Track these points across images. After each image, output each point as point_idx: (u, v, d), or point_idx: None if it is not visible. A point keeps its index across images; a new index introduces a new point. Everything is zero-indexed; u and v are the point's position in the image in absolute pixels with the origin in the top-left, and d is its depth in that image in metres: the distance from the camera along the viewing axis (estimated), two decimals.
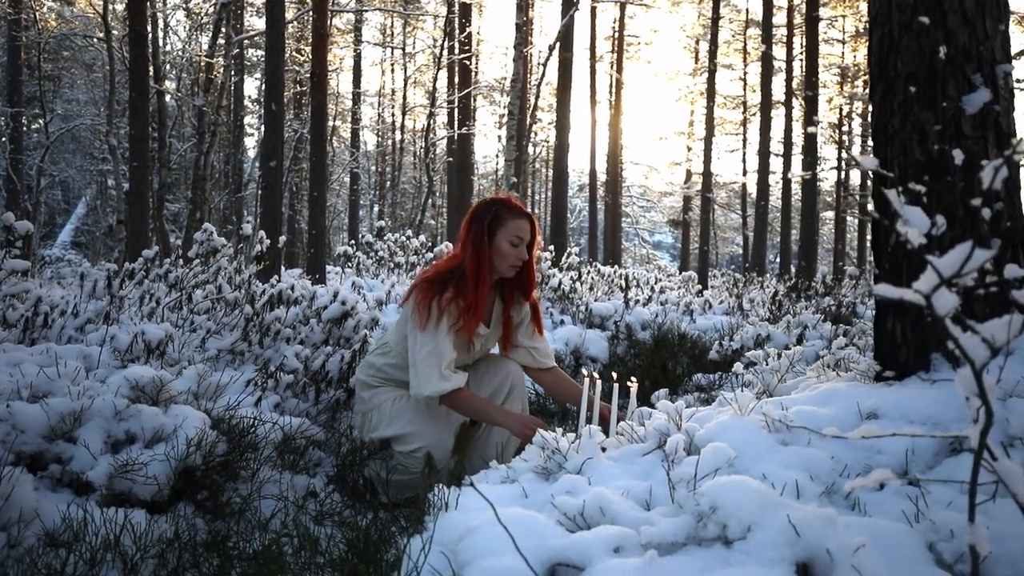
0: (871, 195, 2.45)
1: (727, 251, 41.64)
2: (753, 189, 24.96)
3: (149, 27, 12.05)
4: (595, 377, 2.73)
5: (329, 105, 23.42)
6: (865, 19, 22.84)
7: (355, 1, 23.17)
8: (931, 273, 1.13)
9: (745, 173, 30.29)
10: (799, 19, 22.98)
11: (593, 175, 27.54)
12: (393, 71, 33.92)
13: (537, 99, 18.04)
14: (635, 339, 5.18)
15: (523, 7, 13.13)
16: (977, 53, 2.20)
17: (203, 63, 18.22)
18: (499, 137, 33.15)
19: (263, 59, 10.87)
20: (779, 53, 24.28)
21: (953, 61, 2.20)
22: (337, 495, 2.92)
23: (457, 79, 21.34)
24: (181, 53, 20.22)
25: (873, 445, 1.97)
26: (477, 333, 3.09)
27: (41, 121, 21.33)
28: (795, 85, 23.83)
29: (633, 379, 2.71)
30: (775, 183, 24.02)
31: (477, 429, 3.29)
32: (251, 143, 32.14)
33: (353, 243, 7.25)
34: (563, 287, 5.84)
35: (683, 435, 1.93)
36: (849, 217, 35.11)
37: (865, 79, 25.54)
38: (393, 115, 34.12)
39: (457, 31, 19.32)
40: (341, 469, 3.11)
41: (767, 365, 2.99)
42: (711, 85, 18.96)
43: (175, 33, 24.29)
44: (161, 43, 20.56)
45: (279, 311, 3.61)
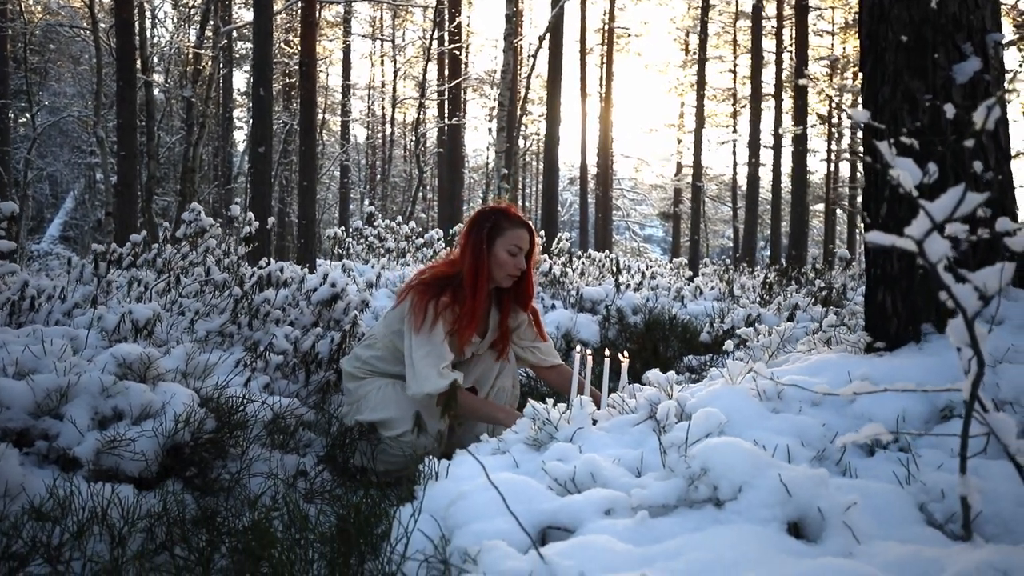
0: (863, 149, 2.45)
1: (717, 243, 41.72)
2: (743, 182, 25.00)
3: (136, 14, 11.96)
4: (587, 353, 2.73)
5: (319, 99, 23.36)
6: (854, 10, 22.88)
7: None
8: (923, 218, 1.12)
9: (735, 165, 30.36)
10: (789, 10, 23.03)
11: (584, 168, 27.53)
12: (383, 64, 33.81)
13: (527, 91, 18.03)
14: (626, 323, 5.18)
15: None
16: (967, 22, 2.19)
17: (191, 54, 18.12)
18: (489, 130, 33.10)
19: (252, 51, 10.80)
20: (769, 45, 24.30)
21: (943, 30, 2.19)
22: (327, 474, 2.90)
23: (447, 71, 21.28)
24: (169, 45, 20.07)
25: (864, 413, 1.96)
26: (470, 341, 3.10)
27: (28, 115, 21.19)
28: (785, 77, 23.88)
29: (625, 354, 2.70)
30: (765, 175, 24.10)
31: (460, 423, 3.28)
32: (240, 136, 32.02)
33: (343, 228, 7.21)
34: (554, 272, 5.84)
35: (674, 403, 1.93)
36: (839, 210, 35.25)
37: (855, 70, 25.59)
38: (383, 108, 34.02)
39: (447, 21, 19.26)
40: (331, 449, 3.09)
41: (757, 342, 2.98)
42: (701, 73, 18.98)
43: (163, 25, 24.12)
44: (149, 35, 20.43)
45: (268, 292, 3.58)
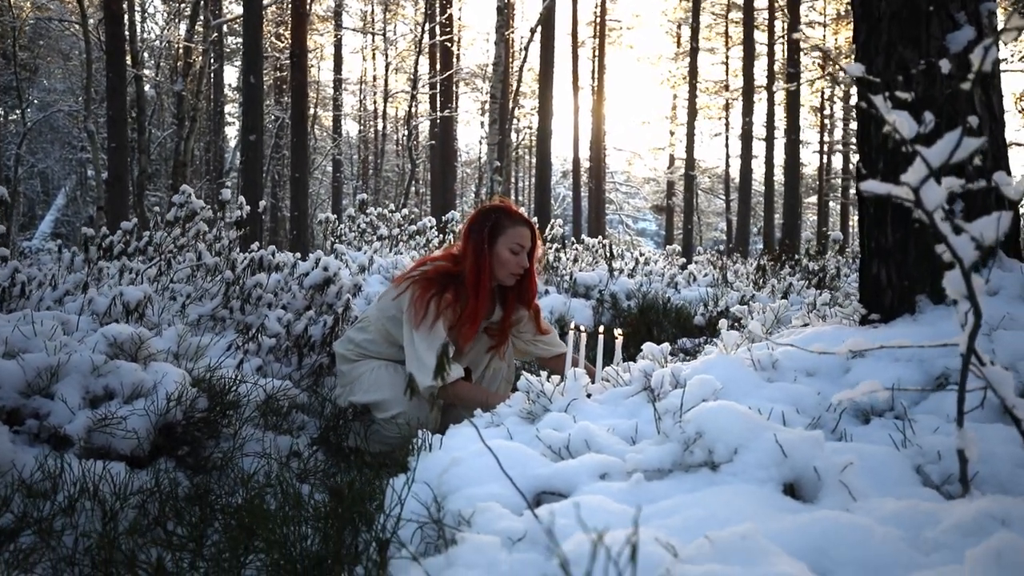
0: (856, 117, 2.44)
1: (710, 236, 41.75)
2: (736, 175, 25.02)
3: (125, 8, 11.89)
4: (581, 330, 2.73)
5: (310, 94, 23.28)
6: (846, 1, 22.88)
7: None
8: (920, 165, 1.11)
9: (728, 158, 30.39)
10: (781, 1, 23.02)
11: (576, 161, 27.53)
12: (374, 58, 33.72)
13: (519, 84, 18.02)
14: (620, 308, 5.17)
15: None
16: None
17: (181, 49, 18.05)
18: (482, 123, 33.08)
19: (242, 39, 10.75)
20: (761, 38, 24.29)
21: None
22: (321, 455, 2.89)
23: (439, 63, 21.24)
24: (159, 39, 19.98)
25: (859, 382, 1.95)
26: (471, 340, 3.09)
27: (19, 112, 21.08)
28: (777, 69, 23.90)
29: (619, 331, 2.70)
30: (758, 167, 24.11)
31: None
32: (232, 133, 31.89)
33: (335, 216, 7.19)
34: (547, 257, 5.83)
35: (668, 372, 1.92)
36: (831, 202, 35.33)
37: (847, 61, 25.62)
38: (375, 103, 33.94)
39: (438, 13, 19.22)
40: (325, 431, 3.08)
41: (752, 319, 2.97)
42: (693, 63, 18.99)
43: (153, 20, 24.01)
44: (139, 29, 20.33)
45: (260, 276, 3.56)
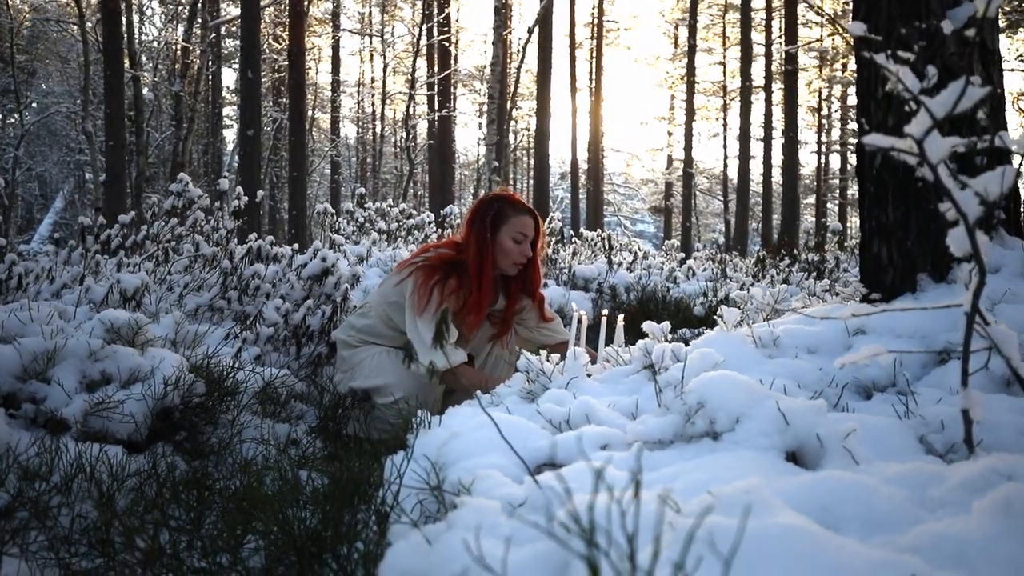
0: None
1: (709, 237, 41.66)
2: (734, 175, 25.03)
3: (123, 7, 11.89)
4: (582, 314, 2.71)
5: (308, 96, 23.27)
6: (843, 2, 22.91)
7: None
8: (923, 116, 1.10)
9: (726, 159, 30.41)
10: (778, 2, 23.05)
11: (575, 163, 27.53)
12: (372, 60, 33.73)
13: (517, 84, 18.01)
14: (619, 300, 5.16)
15: None
16: None
17: (179, 50, 18.04)
18: (480, 124, 33.10)
19: (240, 34, 10.73)
20: (758, 39, 24.30)
21: None
22: (320, 443, 2.88)
23: (436, 63, 21.24)
24: (157, 40, 19.98)
25: None
26: (474, 329, 3.09)
27: (17, 114, 21.05)
28: (774, 69, 23.91)
29: (621, 316, 2.69)
30: (756, 168, 24.12)
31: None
32: (230, 135, 31.89)
33: (333, 211, 7.18)
34: (546, 251, 5.82)
35: (669, 347, 1.91)
36: (829, 203, 35.35)
37: (844, 61, 25.64)
38: (373, 104, 33.94)
39: (436, 12, 19.22)
40: (323, 420, 3.06)
41: (751, 305, 2.96)
42: (691, 63, 19.00)
43: (151, 22, 24.00)
44: (137, 31, 20.32)
45: (258, 266, 3.55)
